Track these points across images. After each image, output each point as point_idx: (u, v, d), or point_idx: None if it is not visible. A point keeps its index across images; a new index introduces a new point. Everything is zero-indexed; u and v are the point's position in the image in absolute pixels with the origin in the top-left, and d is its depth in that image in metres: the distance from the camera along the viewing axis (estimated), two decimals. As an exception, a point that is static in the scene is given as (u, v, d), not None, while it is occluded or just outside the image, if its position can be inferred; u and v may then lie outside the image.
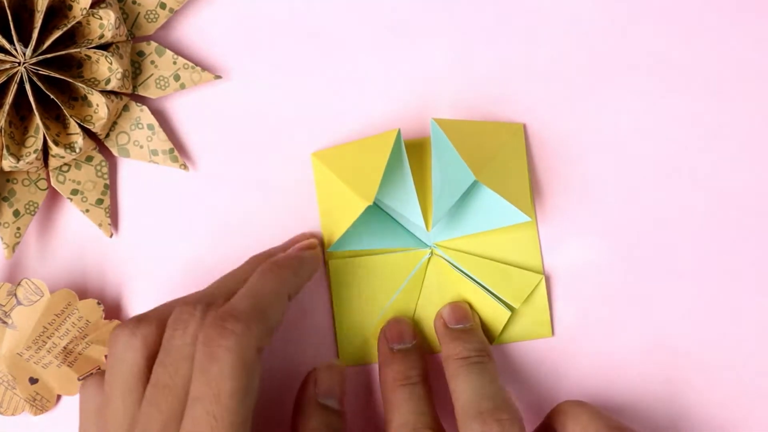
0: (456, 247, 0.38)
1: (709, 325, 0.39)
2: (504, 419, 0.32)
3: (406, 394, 0.35)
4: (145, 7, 0.37)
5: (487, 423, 0.32)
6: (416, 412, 0.35)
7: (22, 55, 0.35)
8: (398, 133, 0.35)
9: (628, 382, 0.38)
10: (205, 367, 0.30)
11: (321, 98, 0.39)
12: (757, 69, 0.39)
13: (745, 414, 0.38)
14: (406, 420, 0.35)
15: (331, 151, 0.38)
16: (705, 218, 0.39)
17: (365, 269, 0.38)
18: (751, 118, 0.39)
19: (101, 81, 0.37)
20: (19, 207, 0.37)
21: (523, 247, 0.38)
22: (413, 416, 0.35)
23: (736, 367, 0.39)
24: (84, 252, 0.39)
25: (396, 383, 0.36)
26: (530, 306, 0.38)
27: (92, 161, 0.38)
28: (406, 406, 0.35)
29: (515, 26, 0.39)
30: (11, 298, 0.37)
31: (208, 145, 0.39)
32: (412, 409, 0.35)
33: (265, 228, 0.39)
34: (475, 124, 0.38)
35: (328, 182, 0.38)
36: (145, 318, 0.33)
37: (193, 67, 0.38)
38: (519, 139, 0.38)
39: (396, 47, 0.39)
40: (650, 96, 0.39)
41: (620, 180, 0.39)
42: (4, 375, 0.37)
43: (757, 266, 0.39)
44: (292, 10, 0.39)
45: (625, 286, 0.39)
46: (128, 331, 0.32)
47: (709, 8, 0.39)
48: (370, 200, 0.35)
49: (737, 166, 0.39)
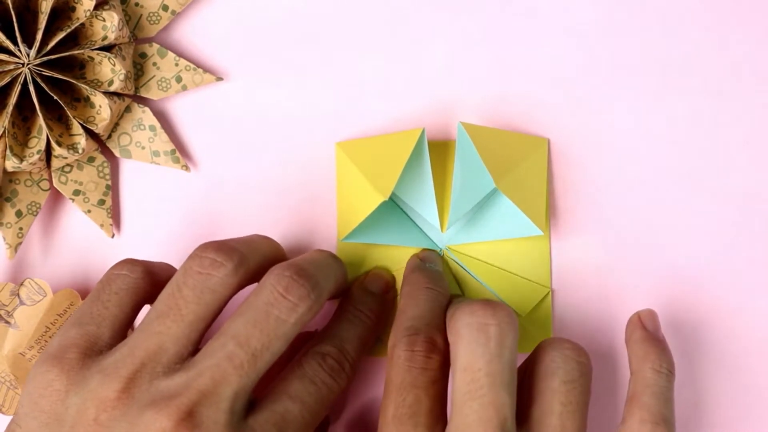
0: (467, 252, 0.38)
1: (710, 329, 0.39)
2: (498, 305, 0.32)
3: (432, 296, 0.35)
4: (147, 9, 0.38)
5: (480, 305, 0.32)
6: (433, 313, 0.34)
7: (25, 57, 0.35)
8: (423, 132, 0.36)
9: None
10: (265, 313, 0.31)
11: (322, 99, 0.39)
12: (758, 69, 0.39)
13: (746, 414, 0.39)
14: (422, 314, 0.34)
15: (355, 143, 0.38)
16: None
17: (374, 259, 0.38)
18: None
19: (104, 82, 0.37)
20: (22, 207, 0.37)
21: (534, 259, 0.38)
22: (430, 314, 0.34)
23: (739, 371, 0.39)
24: (86, 252, 0.39)
25: (425, 285, 0.35)
26: (533, 318, 0.38)
27: (94, 162, 0.38)
28: (426, 304, 0.34)
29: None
30: (14, 298, 0.37)
31: (210, 146, 0.39)
32: (432, 309, 0.34)
33: (265, 229, 0.39)
34: (501, 133, 0.38)
35: (349, 173, 0.38)
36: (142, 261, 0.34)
37: (194, 69, 0.38)
38: (542, 152, 0.38)
39: (396, 49, 0.39)
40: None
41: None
42: (6, 375, 0.37)
43: (758, 267, 0.39)
44: (293, 11, 0.39)
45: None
46: (129, 262, 0.34)
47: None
48: (386, 195, 0.35)
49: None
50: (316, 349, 0.34)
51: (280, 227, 0.39)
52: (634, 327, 0.36)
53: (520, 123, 0.39)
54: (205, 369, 0.30)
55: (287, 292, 0.31)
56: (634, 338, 0.35)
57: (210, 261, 0.32)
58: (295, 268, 0.32)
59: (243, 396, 0.30)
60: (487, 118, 0.39)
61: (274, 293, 0.31)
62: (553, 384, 0.32)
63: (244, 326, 0.31)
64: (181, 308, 0.31)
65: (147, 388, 0.30)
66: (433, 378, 0.32)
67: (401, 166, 0.35)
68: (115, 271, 0.33)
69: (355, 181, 0.38)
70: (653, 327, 0.35)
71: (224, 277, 0.32)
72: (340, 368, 0.33)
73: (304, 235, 0.39)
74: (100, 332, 0.32)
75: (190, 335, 0.31)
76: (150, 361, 0.30)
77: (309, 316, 0.32)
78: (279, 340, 0.31)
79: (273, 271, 0.32)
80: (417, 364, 0.32)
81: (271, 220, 0.39)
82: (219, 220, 0.39)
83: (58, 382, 0.31)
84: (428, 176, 0.36)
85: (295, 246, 0.39)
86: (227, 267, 0.32)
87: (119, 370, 0.30)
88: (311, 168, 0.39)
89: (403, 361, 0.33)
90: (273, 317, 0.31)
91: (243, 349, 0.30)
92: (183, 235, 0.39)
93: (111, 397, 0.30)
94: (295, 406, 0.31)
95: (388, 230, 0.38)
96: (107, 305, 0.33)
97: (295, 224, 0.39)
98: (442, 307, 0.35)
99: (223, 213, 0.39)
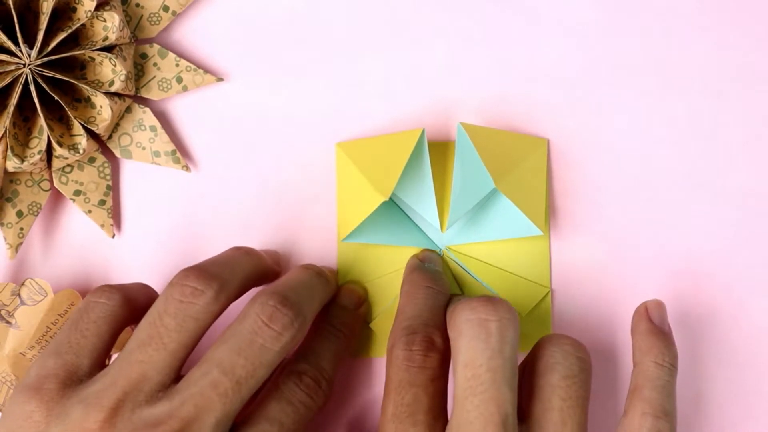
0: (467, 252, 0.38)
1: (710, 329, 0.39)
2: (498, 301, 0.32)
3: (430, 295, 0.35)
4: (148, 10, 0.38)
5: (480, 302, 0.32)
6: (431, 312, 0.34)
7: (27, 57, 0.36)
8: (423, 132, 0.36)
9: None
10: (249, 341, 0.31)
11: (322, 99, 0.39)
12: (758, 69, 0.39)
13: (747, 415, 0.39)
14: (420, 313, 0.34)
15: (355, 143, 0.38)
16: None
17: (374, 259, 0.38)
18: None
19: (105, 83, 0.37)
20: (23, 207, 0.37)
21: (534, 259, 0.38)
22: (428, 313, 0.34)
23: (739, 374, 0.39)
24: (87, 252, 0.39)
25: (424, 284, 0.35)
26: (533, 318, 0.38)
27: (95, 162, 0.38)
28: (425, 303, 0.34)
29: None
30: (15, 298, 0.37)
31: (210, 146, 0.39)
32: (430, 308, 0.34)
33: (265, 229, 0.39)
34: (500, 134, 0.38)
35: (349, 173, 0.38)
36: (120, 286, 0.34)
37: (195, 70, 0.38)
38: (542, 153, 0.38)
39: (396, 49, 0.39)
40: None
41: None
42: (7, 375, 0.37)
43: (758, 266, 0.39)
44: (293, 11, 0.39)
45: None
46: (106, 290, 0.33)
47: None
48: (386, 195, 0.35)
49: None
50: (293, 368, 0.34)
51: (280, 227, 0.39)
52: (640, 318, 0.35)
53: (520, 123, 0.39)
54: (189, 397, 0.30)
55: (271, 321, 0.31)
56: (639, 330, 0.35)
57: (191, 289, 0.32)
58: (278, 297, 0.32)
59: (226, 423, 0.30)
60: (487, 119, 0.39)
61: (258, 322, 0.31)
62: (553, 380, 0.32)
63: (229, 354, 0.31)
64: (163, 337, 0.31)
65: (130, 417, 0.30)
66: (432, 376, 0.32)
67: (401, 166, 0.35)
68: (93, 299, 0.33)
69: (355, 182, 0.38)
70: (659, 318, 0.35)
71: (206, 305, 0.32)
72: (317, 386, 0.34)
73: (304, 235, 0.39)
74: (79, 362, 0.32)
75: (173, 363, 0.31)
76: (132, 390, 0.30)
77: (293, 343, 0.32)
78: (263, 367, 0.31)
79: (257, 299, 0.32)
80: (415, 363, 0.32)
81: (271, 220, 0.39)
82: (219, 220, 0.39)
83: (37, 413, 0.30)
84: (428, 176, 0.36)
85: (296, 246, 0.39)
86: (208, 295, 0.32)
87: (101, 400, 0.30)
88: (311, 168, 0.39)
89: (402, 361, 0.33)
90: (257, 345, 0.31)
91: (227, 377, 0.30)
92: (183, 235, 0.39)
93: (93, 427, 0.29)
94: (273, 429, 0.32)
95: (388, 230, 0.38)
96: (86, 334, 0.32)
97: (295, 224, 0.39)
98: (441, 305, 0.35)
99: (223, 213, 0.39)
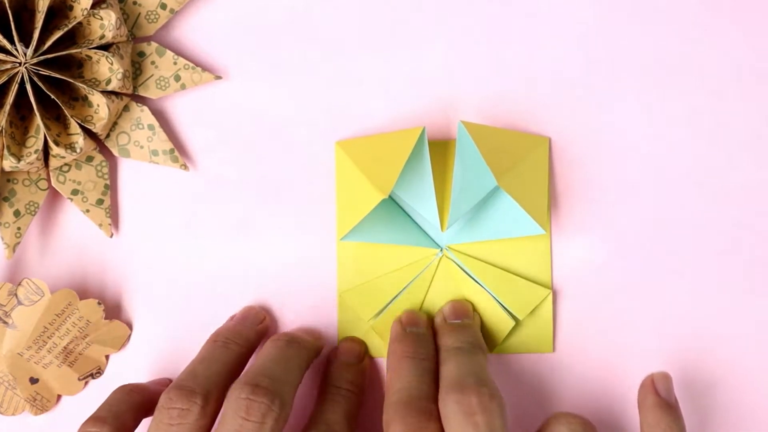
0: (468, 251, 0.38)
1: (710, 327, 0.39)
2: (484, 392, 0.32)
3: (413, 365, 0.35)
4: (145, 8, 0.37)
5: (466, 393, 0.32)
6: (419, 380, 0.34)
7: (23, 56, 0.35)
8: (423, 130, 0.36)
9: (627, 404, 0.39)
10: None
11: (322, 98, 0.39)
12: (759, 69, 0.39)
13: (749, 417, 0.39)
14: (408, 384, 0.34)
15: (355, 142, 0.38)
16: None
17: (374, 258, 0.38)
18: None
19: (102, 81, 0.37)
20: (20, 207, 0.37)
21: (535, 259, 0.38)
22: (416, 382, 0.34)
23: (740, 377, 0.39)
24: (84, 252, 0.39)
25: (405, 355, 0.36)
26: (534, 319, 0.38)
27: (93, 161, 0.38)
28: (410, 374, 0.35)
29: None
30: (12, 298, 0.37)
31: (209, 145, 0.39)
32: (416, 376, 0.35)
33: (265, 229, 0.39)
34: (501, 132, 0.38)
35: (348, 172, 0.38)
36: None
37: (193, 68, 0.38)
38: (543, 151, 0.38)
39: (396, 48, 0.39)
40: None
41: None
42: (4, 375, 0.37)
43: (758, 266, 0.39)
44: (292, 10, 0.39)
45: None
46: (98, 424, 0.34)
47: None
48: (386, 193, 0.35)
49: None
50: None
51: (279, 227, 0.39)
52: (647, 392, 0.35)
53: (520, 122, 0.39)
54: None
55: (249, 414, 0.32)
56: (646, 404, 0.35)
57: (177, 411, 0.33)
58: (248, 388, 0.32)
59: None
60: (487, 118, 0.39)
61: (238, 419, 0.32)
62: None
63: None
64: None
65: None
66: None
67: (401, 164, 0.35)
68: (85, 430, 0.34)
69: (354, 180, 0.38)
70: (665, 391, 0.35)
71: (195, 422, 0.33)
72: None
73: (304, 235, 0.39)
74: None
75: None
76: None
77: (281, 423, 0.32)
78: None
79: (230, 397, 0.33)
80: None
81: (269, 219, 0.39)
82: (218, 219, 0.39)
83: None
84: (428, 174, 0.36)
85: (296, 246, 0.39)
86: (194, 411, 0.33)
87: None
88: (311, 167, 0.39)
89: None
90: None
91: None
92: (182, 234, 0.39)
93: None
94: None
95: (387, 229, 0.38)
96: None
97: (295, 224, 0.39)
98: (427, 371, 0.35)
99: (222, 212, 0.39)
